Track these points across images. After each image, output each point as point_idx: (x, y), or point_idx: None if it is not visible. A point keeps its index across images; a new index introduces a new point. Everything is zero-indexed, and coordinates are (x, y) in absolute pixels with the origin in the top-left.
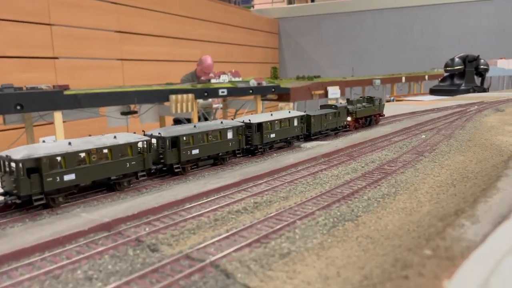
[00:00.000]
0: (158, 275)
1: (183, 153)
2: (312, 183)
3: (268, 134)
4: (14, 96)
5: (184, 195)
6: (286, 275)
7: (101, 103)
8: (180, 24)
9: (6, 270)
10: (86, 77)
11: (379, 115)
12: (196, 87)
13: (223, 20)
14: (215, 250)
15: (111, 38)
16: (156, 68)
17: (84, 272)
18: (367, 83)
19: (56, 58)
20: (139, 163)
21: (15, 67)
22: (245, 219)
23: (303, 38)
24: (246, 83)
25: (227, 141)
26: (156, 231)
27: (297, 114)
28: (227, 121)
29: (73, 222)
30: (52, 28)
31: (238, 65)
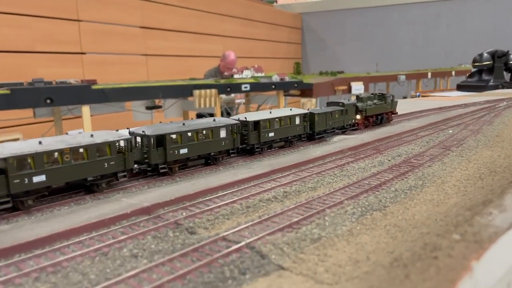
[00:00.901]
0: (198, 254)
1: (170, 152)
2: (339, 174)
3: (266, 133)
4: (44, 90)
5: (216, 184)
6: (318, 258)
7: (127, 98)
8: (204, 20)
9: (59, 247)
10: (112, 72)
11: (391, 113)
12: (220, 82)
13: (246, 15)
14: (249, 233)
15: (136, 33)
16: (179, 63)
17: (129, 251)
18: (392, 79)
19: (84, 54)
20: (119, 163)
21: (45, 62)
22: (276, 207)
23: (326, 33)
24: (268, 79)
25: (220, 140)
26: (192, 216)
27: (299, 112)
28: (221, 119)
29: (115, 206)
30: (80, 24)
31: (261, 60)
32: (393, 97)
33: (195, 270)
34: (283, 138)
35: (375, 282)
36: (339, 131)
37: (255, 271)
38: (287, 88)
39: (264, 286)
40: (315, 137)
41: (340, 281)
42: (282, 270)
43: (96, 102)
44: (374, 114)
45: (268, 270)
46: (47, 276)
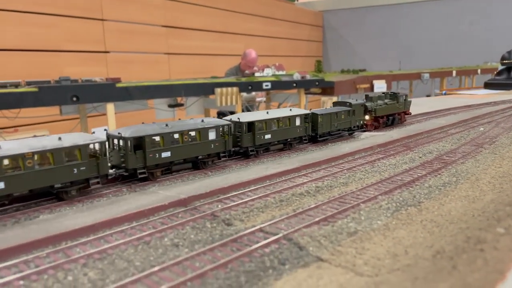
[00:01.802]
0: (237, 244)
1: (150, 156)
2: (370, 170)
3: (261, 135)
4: (70, 88)
5: (248, 178)
6: (356, 251)
7: (150, 96)
8: (225, 19)
9: (103, 236)
10: (135, 70)
11: (404, 113)
12: (241, 81)
13: (267, 13)
14: (286, 226)
15: (158, 32)
16: (200, 62)
17: (170, 240)
18: (415, 77)
19: (108, 52)
20: (91, 168)
21: (71, 60)
22: (309, 201)
23: (347, 31)
24: (290, 77)
25: (209, 142)
26: (228, 208)
27: (300, 113)
28: (211, 119)
29: (152, 198)
30: (104, 23)
31: (282, 58)
32: (406, 96)
33: (236, 260)
34: (281, 140)
35: (420, 273)
36: (346, 133)
37: (294, 262)
38: (308, 86)
39: (304, 277)
40: (318, 139)
41: (381, 273)
42: (321, 261)
43: (120, 100)
44: (384, 115)
45: (307, 261)
46: (94, 263)
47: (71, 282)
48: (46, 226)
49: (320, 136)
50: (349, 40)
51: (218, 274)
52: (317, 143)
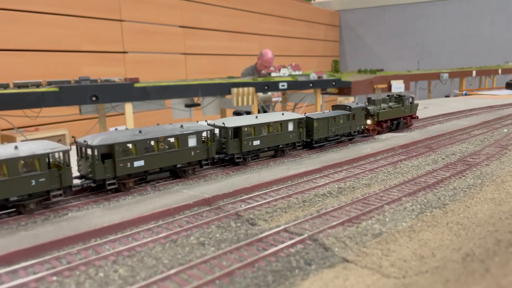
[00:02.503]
0: (263, 244)
1: (120, 166)
2: (393, 172)
3: (249, 141)
4: (90, 88)
5: (270, 178)
6: (381, 252)
7: (168, 96)
8: (241, 19)
9: (130, 234)
10: (152, 70)
11: (410, 117)
12: (257, 81)
13: (283, 13)
14: (310, 226)
15: (175, 33)
16: (217, 62)
17: (196, 238)
18: (434, 77)
19: (126, 53)
20: (52, 179)
21: (90, 60)
22: (332, 202)
23: (365, 31)
24: (306, 77)
25: (188, 149)
26: (251, 208)
27: (293, 117)
28: (191, 125)
29: (177, 197)
30: (122, 24)
31: (298, 58)
32: (412, 99)
33: (262, 259)
34: (272, 147)
35: (451, 275)
36: (346, 138)
37: (320, 263)
38: (324, 86)
39: (331, 277)
40: (314, 145)
41: (408, 275)
42: (347, 262)
43: (138, 100)
44: (388, 119)
45: (333, 262)
46: (124, 260)
47: (102, 279)
48: (75, 223)
49: (315, 142)
50: (366, 40)
51: (246, 273)
52: (313, 149)
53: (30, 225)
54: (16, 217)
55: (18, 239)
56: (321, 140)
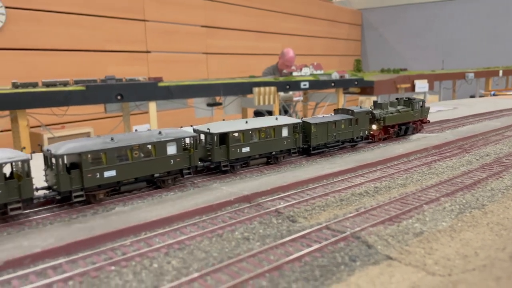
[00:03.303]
0: (306, 240)
1: (88, 176)
2: (427, 172)
3: (237, 148)
4: (115, 87)
5: (306, 177)
6: (424, 251)
7: (190, 95)
8: (263, 18)
9: (177, 228)
10: (174, 70)
11: (421, 121)
12: (279, 80)
13: (305, 12)
14: (351, 224)
15: (198, 32)
16: (238, 61)
17: (241, 234)
18: (459, 77)
19: (149, 52)
20: (10, 191)
21: (114, 60)
22: (369, 201)
23: (388, 29)
24: (328, 76)
25: (167, 157)
26: (291, 205)
27: (288, 122)
28: (171, 131)
29: (217, 193)
30: (146, 24)
31: (319, 57)
32: (423, 103)
33: (308, 255)
34: (264, 154)
35: (501, 273)
36: (348, 144)
37: (364, 259)
38: (347, 85)
39: (376, 274)
40: (312, 152)
41: (454, 273)
42: (391, 260)
43: (162, 99)
44: (396, 124)
45: (377, 259)
46: (175, 252)
47: (157, 269)
48: (124, 217)
49: (313, 148)
50: (389, 39)
51: (294, 267)
52: (311, 156)
53: (81, 218)
54: (67, 210)
55: (74, 231)
56: (320, 147)
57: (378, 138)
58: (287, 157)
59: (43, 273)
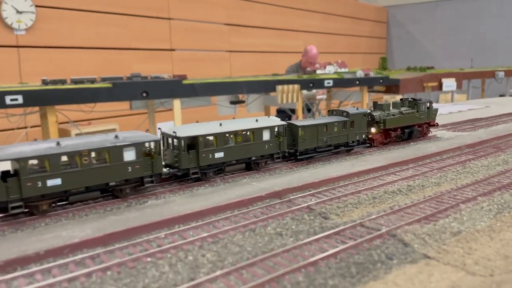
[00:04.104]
0: (340, 237)
1: (28, 185)
2: (462, 171)
3: (209, 153)
4: (141, 84)
5: (337, 174)
6: (463, 250)
7: (214, 92)
8: (286, 16)
9: (210, 221)
10: (197, 67)
11: (428, 124)
12: (302, 78)
13: (329, 10)
14: (386, 222)
15: (221, 30)
16: (261, 59)
17: (273, 229)
18: (489, 75)
19: (173, 50)
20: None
21: (139, 58)
22: (402, 199)
23: (414, 27)
24: (352, 74)
25: (124, 164)
26: (322, 202)
27: (269, 124)
28: (129, 134)
29: (248, 189)
30: (170, 22)
31: (343, 55)
32: (430, 104)
33: (343, 251)
34: (241, 160)
35: None
36: (343, 149)
37: (401, 258)
38: (371, 84)
39: (414, 272)
40: (298, 157)
41: (495, 273)
42: (428, 259)
43: (186, 96)
44: (398, 127)
45: (414, 258)
46: (209, 245)
47: (192, 262)
48: (158, 210)
49: (301, 153)
50: (416, 36)
51: (329, 264)
52: (299, 162)
53: (115, 210)
54: (102, 203)
55: (110, 222)
56: (309, 151)
57: (378, 143)
58: (271, 163)
59: (82, 262)
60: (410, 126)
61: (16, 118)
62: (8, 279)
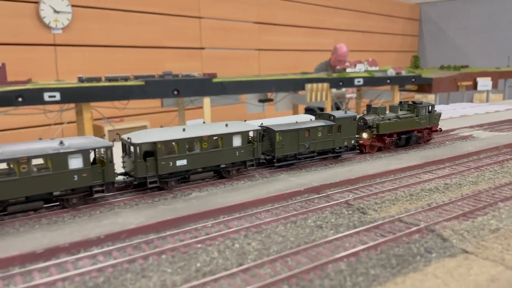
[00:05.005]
0: (380, 231)
1: None
2: (500, 171)
3: (169, 161)
4: (173, 82)
5: (373, 171)
6: (502, 247)
7: (243, 90)
8: (316, 14)
9: (252, 213)
10: (226, 66)
11: (429, 130)
12: (332, 76)
13: (360, 7)
14: (424, 218)
15: (250, 29)
16: (290, 57)
17: (313, 222)
18: None
19: (203, 49)
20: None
21: (170, 56)
22: (439, 197)
23: (448, 24)
24: (383, 73)
25: (70, 173)
26: (360, 198)
27: (240, 129)
28: (75, 140)
29: (286, 183)
30: (200, 21)
31: (373, 53)
32: (432, 107)
33: (383, 244)
34: (208, 168)
35: None
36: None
37: (440, 252)
38: (403, 82)
39: (453, 266)
40: (275, 164)
41: None
42: (467, 253)
43: (216, 94)
44: (394, 132)
45: (453, 252)
46: (253, 235)
47: (239, 249)
48: (203, 201)
49: (278, 160)
50: (449, 34)
51: (370, 255)
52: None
53: (163, 201)
54: (150, 194)
55: (160, 211)
56: (289, 158)
57: (371, 149)
58: (244, 170)
59: (138, 246)
60: (408, 131)
61: (53, 114)
62: (73, 260)
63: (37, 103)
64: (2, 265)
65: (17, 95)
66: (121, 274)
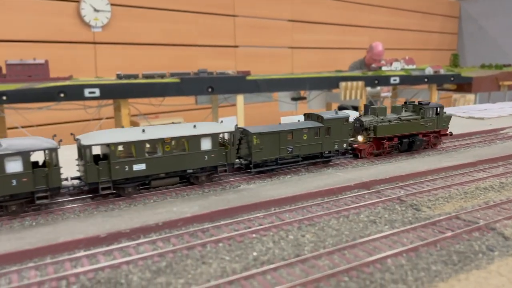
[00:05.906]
0: (437, 227)
1: None
2: None
3: (125, 165)
4: (207, 80)
5: (423, 168)
6: None
7: (277, 88)
8: (351, 11)
9: (303, 206)
10: (260, 64)
11: (438, 134)
12: (367, 75)
13: (395, 4)
14: (482, 216)
15: (284, 27)
16: (323, 55)
17: (366, 217)
18: None
19: (237, 47)
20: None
21: (205, 54)
22: (495, 195)
23: (489, 22)
24: (421, 71)
25: (7, 177)
26: (412, 195)
27: (211, 131)
28: (14, 143)
29: (334, 178)
30: (235, 19)
31: (410, 52)
32: (440, 109)
33: (443, 240)
34: (171, 173)
35: None
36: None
37: (503, 250)
38: (441, 81)
39: None
40: (252, 170)
41: None
42: None
43: (249, 92)
44: (394, 136)
45: None
46: (307, 227)
47: (294, 240)
48: (254, 193)
49: (256, 165)
50: (491, 32)
51: (430, 251)
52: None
53: (212, 192)
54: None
55: (213, 201)
56: (268, 163)
57: (367, 153)
58: (215, 176)
59: (194, 234)
60: (411, 135)
61: (92, 110)
62: (135, 245)
63: (78, 99)
64: (70, 248)
65: (59, 91)
66: (182, 259)
